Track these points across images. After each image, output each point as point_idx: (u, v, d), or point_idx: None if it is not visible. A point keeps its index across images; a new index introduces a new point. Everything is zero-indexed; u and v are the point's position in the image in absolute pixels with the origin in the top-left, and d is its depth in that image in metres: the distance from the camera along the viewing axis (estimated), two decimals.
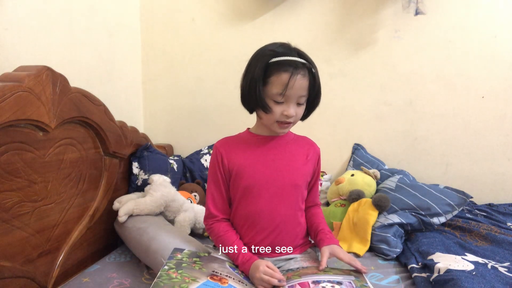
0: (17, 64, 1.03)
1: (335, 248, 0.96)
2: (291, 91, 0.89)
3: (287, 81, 0.88)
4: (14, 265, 0.97)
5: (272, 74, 0.90)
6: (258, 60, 0.92)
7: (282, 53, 0.90)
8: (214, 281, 0.83)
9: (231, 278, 0.86)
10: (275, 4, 1.81)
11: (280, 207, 0.98)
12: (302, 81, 0.90)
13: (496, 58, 1.72)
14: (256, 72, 0.90)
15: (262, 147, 1.01)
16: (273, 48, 0.93)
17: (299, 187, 1.01)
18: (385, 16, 1.76)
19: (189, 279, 0.82)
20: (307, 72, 0.90)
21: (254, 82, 0.91)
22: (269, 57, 0.90)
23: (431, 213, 1.41)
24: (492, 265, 1.11)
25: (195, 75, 1.94)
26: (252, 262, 0.91)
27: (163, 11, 1.91)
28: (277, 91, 0.89)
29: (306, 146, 1.05)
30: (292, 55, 0.90)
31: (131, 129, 1.47)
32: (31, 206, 1.02)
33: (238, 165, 0.99)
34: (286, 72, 0.88)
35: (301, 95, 0.92)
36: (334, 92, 1.84)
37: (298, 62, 0.89)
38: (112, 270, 1.15)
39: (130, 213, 1.26)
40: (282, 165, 0.99)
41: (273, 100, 0.91)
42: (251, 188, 0.98)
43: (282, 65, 0.89)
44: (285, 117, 0.92)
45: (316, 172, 1.07)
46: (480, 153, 1.79)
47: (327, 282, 0.84)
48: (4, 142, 0.92)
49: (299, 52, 0.93)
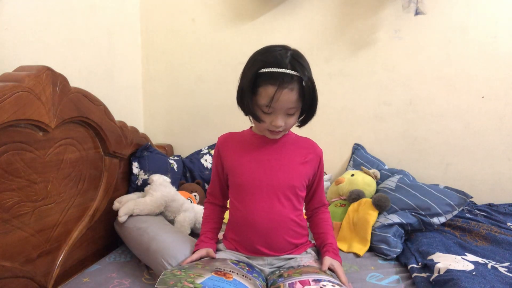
0: (17, 64, 1.03)
1: (336, 264, 0.98)
2: (277, 104, 0.87)
3: (273, 95, 0.86)
4: (14, 265, 0.97)
5: (260, 85, 0.88)
6: (249, 69, 0.91)
7: (272, 63, 0.87)
8: (219, 276, 0.83)
9: (235, 273, 0.86)
10: (275, 4, 1.82)
11: (276, 207, 0.98)
12: (290, 95, 0.87)
13: (496, 58, 1.72)
14: (245, 83, 0.90)
15: (259, 146, 1.01)
16: (265, 57, 0.90)
17: (295, 188, 1.00)
18: (385, 16, 1.76)
19: (194, 275, 0.82)
20: (296, 85, 0.87)
21: (244, 92, 0.91)
22: (259, 67, 0.88)
23: (431, 213, 1.40)
24: (492, 265, 1.11)
25: (195, 75, 1.94)
26: (198, 248, 1.03)
27: (163, 11, 1.91)
28: (264, 102, 0.89)
29: (306, 148, 1.04)
30: (282, 66, 0.86)
31: (131, 129, 1.47)
32: (31, 206, 1.02)
33: (233, 163, 1.02)
34: (273, 86, 0.86)
35: (289, 107, 0.89)
36: (334, 92, 1.84)
37: (287, 74, 0.86)
38: (112, 270, 1.15)
39: (130, 213, 1.26)
40: (277, 166, 0.99)
41: (261, 110, 0.91)
42: (244, 186, 1.00)
43: (269, 77, 0.86)
44: (273, 127, 0.92)
45: (318, 174, 1.06)
46: (480, 153, 1.79)
47: (328, 281, 0.84)
48: (4, 142, 0.92)
49: (293, 60, 0.88)
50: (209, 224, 1.10)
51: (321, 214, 1.10)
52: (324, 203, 1.12)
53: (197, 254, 1.00)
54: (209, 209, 1.13)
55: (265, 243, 0.99)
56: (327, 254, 1.00)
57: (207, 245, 1.04)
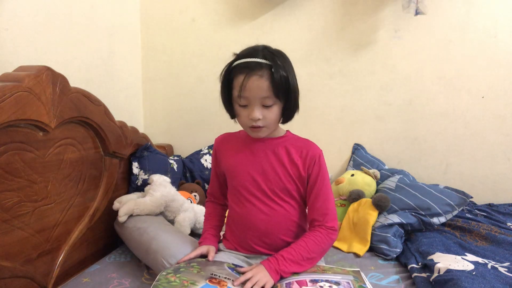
0: (17, 64, 1.03)
1: (255, 270, 0.89)
2: (248, 92, 0.87)
3: (242, 82, 0.86)
4: (14, 265, 0.97)
5: (234, 77, 0.90)
6: (226, 66, 0.93)
7: (243, 55, 0.89)
8: (213, 284, 0.82)
9: (230, 280, 0.86)
10: (275, 4, 1.81)
11: (271, 208, 0.97)
12: (259, 82, 0.86)
13: (496, 58, 1.72)
14: (222, 79, 0.92)
15: (254, 147, 1.00)
16: (240, 52, 0.92)
17: (288, 190, 0.98)
18: (385, 16, 1.76)
19: (187, 282, 0.82)
20: (265, 72, 0.86)
21: (221, 87, 0.93)
22: (232, 62, 0.91)
23: (431, 213, 1.41)
24: (492, 265, 1.11)
25: (195, 75, 1.94)
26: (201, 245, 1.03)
27: (163, 11, 1.91)
28: (236, 93, 0.89)
29: (301, 149, 0.99)
30: (254, 56, 0.87)
31: (131, 129, 1.47)
32: (31, 206, 1.02)
33: (228, 164, 1.03)
34: (242, 74, 0.87)
35: (263, 96, 0.87)
36: (334, 92, 1.84)
37: (254, 62, 0.86)
38: (112, 270, 1.15)
39: (130, 213, 1.26)
40: (270, 167, 0.97)
41: (238, 104, 0.91)
42: (239, 187, 1.00)
43: (239, 68, 0.88)
44: (251, 121, 0.90)
45: (312, 176, 0.97)
46: (480, 153, 1.79)
47: (325, 281, 0.84)
48: (4, 142, 0.92)
49: (266, 51, 0.89)
50: (211, 221, 1.11)
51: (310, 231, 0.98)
52: (316, 222, 0.97)
53: (197, 251, 1.00)
54: (211, 207, 1.14)
55: (262, 242, 0.99)
56: (263, 261, 0.91)
57: (209, 242, 1.04)
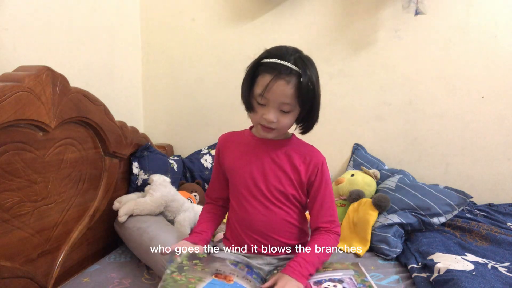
0: (17, 64, 1.03)
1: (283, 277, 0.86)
2: (270, 94, 0.86)
3: (268, 83, 0.86)
4: (14, 265, 0.97)
5: (259, 74, 0.88)
6: (254, 60, 0.92)
7: (275, 55, 0.88)
8: (220, 279, 0.83)
9: (235, 275, 0.86)
10: (275, 4, 1.81)
11: (270, 210, 0.97)
12: (285, 87, 0.85)
13: (496, 58, 1.72)
14: (248, 71, 0.92)
15: (257, 149, 1.00)
16: (271, 49, 0.91)
17: (288, 195, 0.97)
18: (385, 16, 1.76)
19: (194, 279, 0.82)
20: (293, 80, 0.85)
21: (245, 79, 0.92)
22: (262, 57, 0.90)
23: (431, 213, 1.41)
24: (492, 265, 1.11)
25: (195, 75, 1.94)
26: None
27: (163, 11, 1.91)
28: (258, 91, 0.88)
29: (304, 155, 0.98)
30: (284, 59, 0.86)
31: (131, 129, 1.47)
32: (31, 206, 1.02)
33: (231, 163, 1.02)
34: (270, 74, 0.86)
35: (283, 102, 0.87)
36: (334, 92, 1.84)
37: (285, 66, 0.85)
38: (112, 270, 1.15)
39: (130, 213, 1.26)
40: (271, 170, 0.97)
41: (256, 101, 0.91)
42: (240, 188, 1.00)
43: (268, 67, 0.87)
44: (264, 121, 0.90)
45: (316, 184, 0.97)
46: (480, 153, 1.79)
47: (329, 281, 0.84)
48: (4, 142, 0.92)
49: (298, 58, 0.87)
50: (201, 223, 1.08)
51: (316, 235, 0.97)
52: (321, 226, 0.97)
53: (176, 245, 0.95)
54: (204, 208, 1.13)
55: (261, 243, 0.99)
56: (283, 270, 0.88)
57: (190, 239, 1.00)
